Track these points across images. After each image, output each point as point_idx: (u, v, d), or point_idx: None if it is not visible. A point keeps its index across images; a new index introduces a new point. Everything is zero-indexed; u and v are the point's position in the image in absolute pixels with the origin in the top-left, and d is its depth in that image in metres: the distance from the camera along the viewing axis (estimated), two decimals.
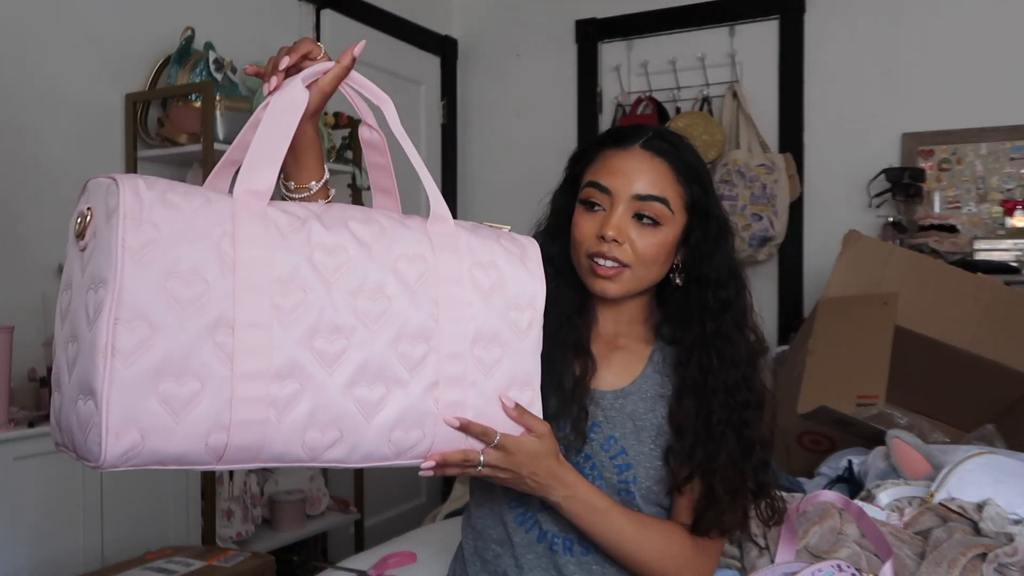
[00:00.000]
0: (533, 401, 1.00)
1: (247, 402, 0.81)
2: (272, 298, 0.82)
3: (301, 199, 1.02)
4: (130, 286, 0.76)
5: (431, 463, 0.94)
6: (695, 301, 1.17)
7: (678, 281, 1.18)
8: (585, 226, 1.15)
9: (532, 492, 1.05)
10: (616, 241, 1.11)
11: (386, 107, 0.95)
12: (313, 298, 0.85)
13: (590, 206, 1.15)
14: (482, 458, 0.97)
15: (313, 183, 1.03)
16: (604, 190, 1.14)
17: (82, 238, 0.82)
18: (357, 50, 0.95)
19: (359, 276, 0.88)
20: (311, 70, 0.92)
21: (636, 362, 1.20)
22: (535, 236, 1.23)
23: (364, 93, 0.97)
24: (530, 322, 0.99)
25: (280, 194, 1.00)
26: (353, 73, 0.97)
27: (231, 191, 0.87)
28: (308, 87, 0.93)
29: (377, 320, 0.88)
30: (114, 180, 0.80)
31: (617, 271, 1.13)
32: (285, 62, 0.92)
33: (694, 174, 1.15)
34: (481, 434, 0.96)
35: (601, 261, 1.13)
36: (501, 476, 1.01)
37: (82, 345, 0.78)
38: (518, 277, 0.98)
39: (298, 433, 0.84)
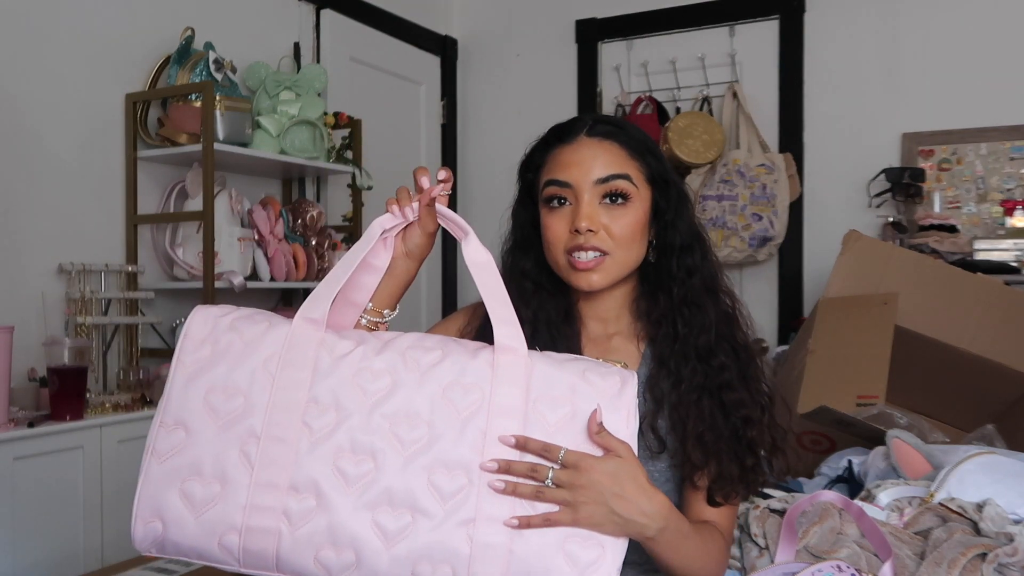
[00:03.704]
0: (601, 562, 0.86)
1: (260, 510, 0.85)
2: (304, 416, 0.87)
3: (369, 321, 1.04)
4: (176, 396, 0.89)
5: (499, 481, 0.86)
6: (664, 271, 1.16)
7: (651, 259, 1.16)
8: (555, 225, 1.13)
9: (619, 531, 0.89)
10: (591, 231, 1.10)
11: (466, 239, 0.97)
12: (345, 419, 0.87)
13: (555, 204, 1.14)
14: (551, 472, 0.87)
15: (387, 311, 1.05)
16: (564, 185, 1.13)
17: None
18: (426, 199, 1.02)
19: (403, 401, 0.87)
20: (397, 221, 1.01)
21: (631, 362, 1.18)
22: (503, 255, 1.22)
23: (452, 224, 1.01)
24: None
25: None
26: (442, 208, 1.02)
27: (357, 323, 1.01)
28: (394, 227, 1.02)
29: (412, 446, 0.86)
30: (203, 307, 0.94)
31: (598, 261, 1.11)
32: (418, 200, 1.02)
33: (644, 147, 1.15)
34: (542, 450, 0.87)
35: (580, 255, 1.11)
36: (580, 500, 0.87)
37: None
38: (589, 409, 0.89)
39: (310, 548, 0.85)
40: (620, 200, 1.11)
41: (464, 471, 0.86)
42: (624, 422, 0.90)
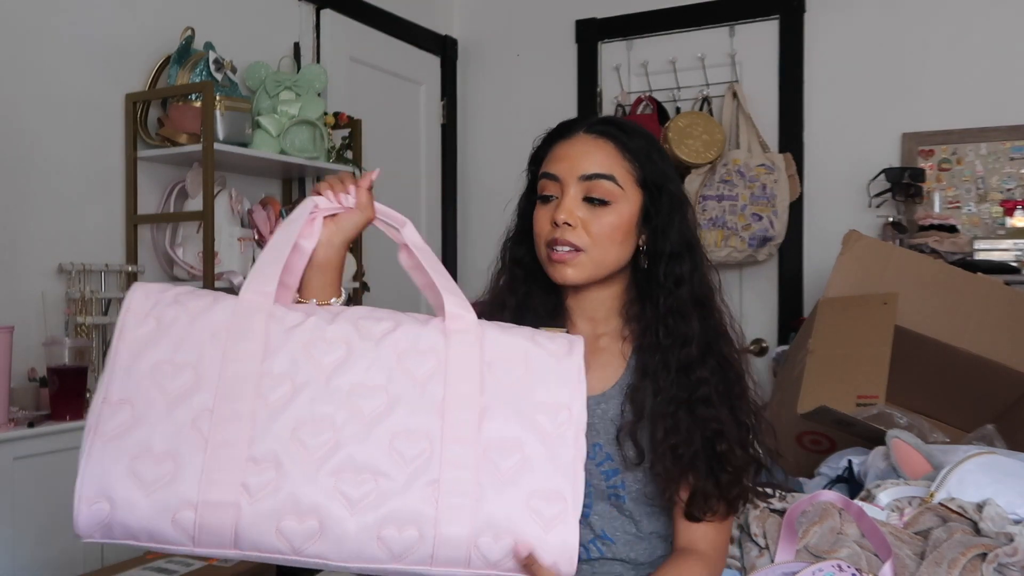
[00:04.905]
0: (564, 515, 0.87)
1: (217, 484, 0.82)
2: (258, 389, 0.85)
3: None
4: (121, 372, 0.85)
5: None
6: (652, 278, 1.15)
7: (643, 264, 1.16)
8: (541, 217, 1.15)
9: None
10: (568, 224, 1.11)
11: (404, 228, 0.97)
12: (301, 390, 0.86)
13: (545, 199, 1.15)
14: None
15: (334, 300, 1.04)
16: (553, 178, 1.14)
17: None
18: (365, 183, 1.00)
19: (360, 369, 0.87)
20: (331, 205, 0.99)
21: (616, 363, 1.18)
22: (504, 244, 1.24)
23: (387, 220, 1.00)
24: (561, 427, 0.89)
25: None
26: (377, 205, 1.01)
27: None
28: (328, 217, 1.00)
29: (371, 413, 0.86)
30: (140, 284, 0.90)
31: (572, 255, 1.12)
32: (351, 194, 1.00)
33: (641, 150, 1.15)
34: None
35: (557, 247, 1.12)
36: None
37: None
38: (550, 377, 0.91)
39: (271, 519, 0.82)
40: (600, 203, 1.12)
41: (425, 435, 0.86)
42: (576, 382, 0.91)
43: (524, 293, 1.20)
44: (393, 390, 0.87)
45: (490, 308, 1.21)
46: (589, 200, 1.12)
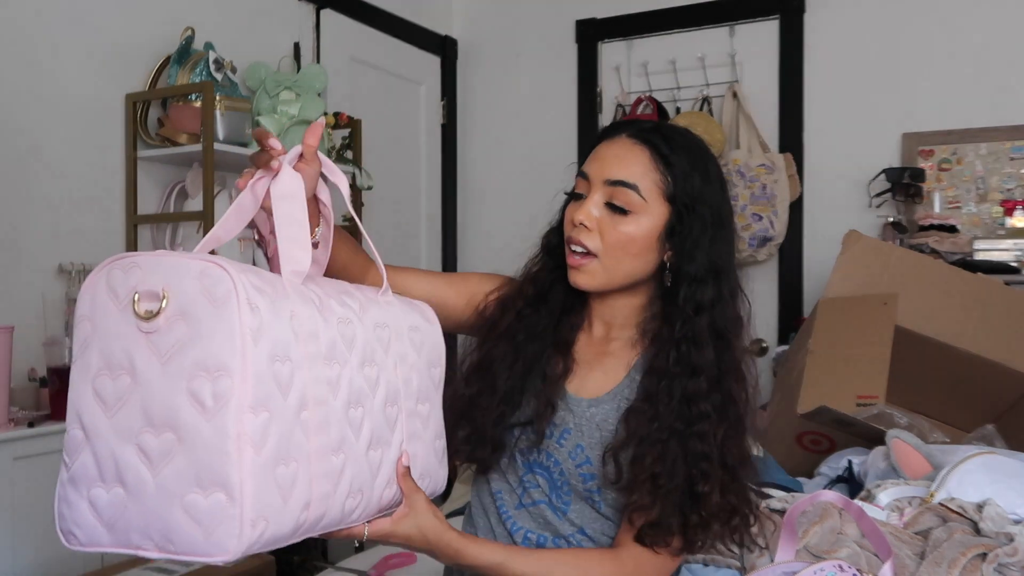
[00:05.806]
0: (445, 449, 1.05)
1: (321, 476, 0.83)
2: (327, 372, 0.84)
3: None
4: (254, 371, 0.75)
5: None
6: (673, 299, 1.11)
7: (668, 281, 1.12)
8: (567, 215, 1.15)
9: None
10: (585, 226, 1.10)
11: (342, 185, 0.97)
12: (346, 370, 0.88)
13: (576, 196, 1.14)
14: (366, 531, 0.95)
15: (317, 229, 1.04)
16: (585, 177, 1.13)
17: (148, 320, 0.78)
18: (313, 139, 0.96)
19: (361, 344, 0.91)
20: (291, 154, 0.94)
21: (618, 370, 1.15)
22: (545, 235, 1.23)
23: (326, 173, 0.99)
24: (441, 377, 1.05)
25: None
26: (321, 156, 0.98)
27: None
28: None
29: (376, 386, 0.92)
30: (216, 264, 0.77)
31: (584, 260, 1.11)
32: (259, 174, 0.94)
33: (680, 164, 1.10)
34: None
35: (573, 247, 1.11)
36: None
37: (194, 436, 0.75)
38: (433, 336, 1.04)
39: (341, 502, 0.87)
40: (619, 211, 1.10)
41: (395, 400, 0.95)
42: (441, 337, 1.06)
43: (547, 283, 1.19)
44: (379, 360, 0.93)
45: (512, 294, 1.21)
46: (611, 206, 1.10)
